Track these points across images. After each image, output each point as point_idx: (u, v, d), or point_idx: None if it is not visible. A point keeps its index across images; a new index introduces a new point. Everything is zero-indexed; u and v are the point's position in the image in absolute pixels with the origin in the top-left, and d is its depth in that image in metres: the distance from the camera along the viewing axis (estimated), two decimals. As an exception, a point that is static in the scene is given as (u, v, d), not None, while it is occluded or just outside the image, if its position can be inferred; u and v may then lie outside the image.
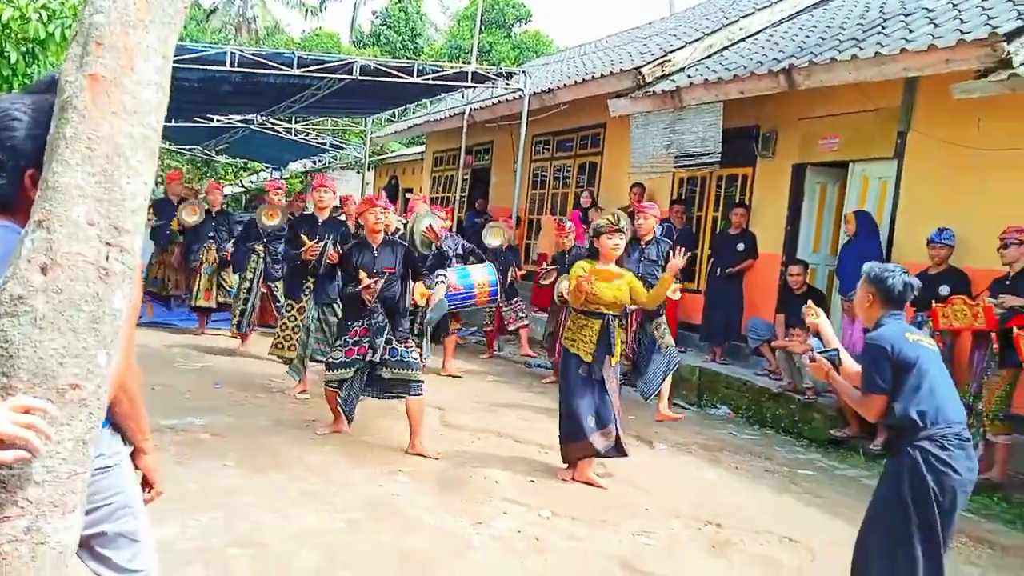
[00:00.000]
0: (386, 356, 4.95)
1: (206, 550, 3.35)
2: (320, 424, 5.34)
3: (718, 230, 8.94)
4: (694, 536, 4.10)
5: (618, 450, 4.76)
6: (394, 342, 5.00)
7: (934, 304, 5.63)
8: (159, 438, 1.99)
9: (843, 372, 3.04)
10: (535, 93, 10.94)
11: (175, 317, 9.21)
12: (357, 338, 4.99)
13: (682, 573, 3.62)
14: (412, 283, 5.51)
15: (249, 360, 7.52)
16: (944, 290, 5.74)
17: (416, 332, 6.46)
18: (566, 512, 4.24)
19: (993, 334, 5.24)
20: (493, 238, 8.70)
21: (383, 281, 4.93)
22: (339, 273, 5.23)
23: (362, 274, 4.92)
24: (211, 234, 8.56)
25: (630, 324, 6.19)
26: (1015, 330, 4.67)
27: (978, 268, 5.81)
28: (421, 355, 6.21)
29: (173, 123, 14.27)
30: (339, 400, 5.01)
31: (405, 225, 6.50)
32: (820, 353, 3.09)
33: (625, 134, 9.66)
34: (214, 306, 8.56)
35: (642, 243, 6.24)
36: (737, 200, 8.66)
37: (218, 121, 14.88)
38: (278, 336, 6.52)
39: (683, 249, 5.07)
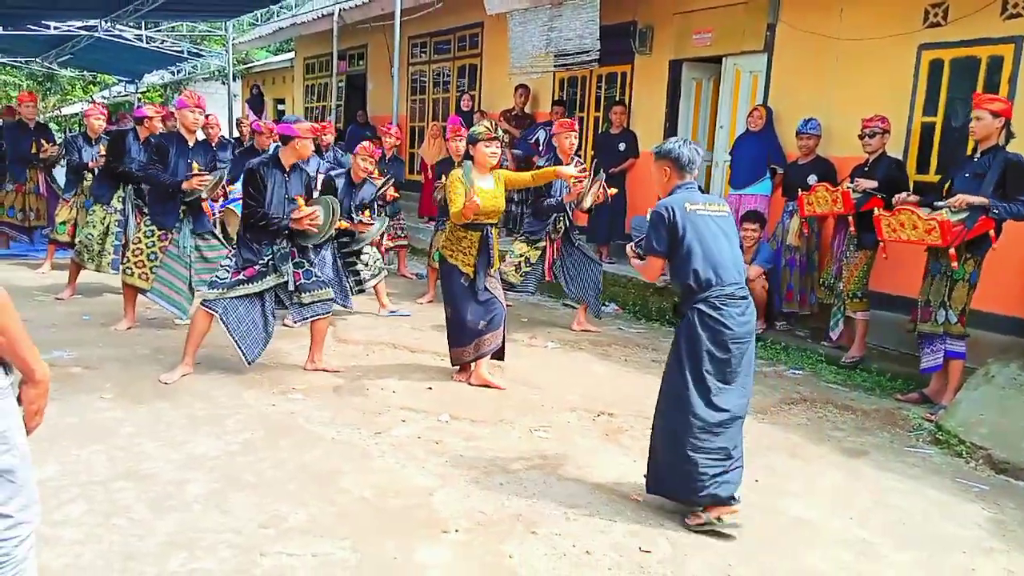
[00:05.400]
0: (301, 281, 4.77)
1: (88, 485, 3.19)
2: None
3: (600, 130, 8.98)
4: (588, 426, 4.28)
5: (502, 352, 4.95)
6: (305, 264, 4.84)
7: (800, 192, 5.90)
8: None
9: None
10: (408, -9, 10.41)
11: (37, 250, 8.50)
12: (255, 265, 4.67)
13: (577, 461, 3.77)
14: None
15: (119, 293, 7.01)
16: (812, 179, 6.01)
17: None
18: (464, 415, 4.31)
19: (850, 218, 5.57)
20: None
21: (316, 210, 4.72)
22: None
23: (300, 200, 4.69)
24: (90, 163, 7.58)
25: (552, 250, 6.12)
26: (876, 211, 4.95)
27: (844, 156, 6.12)
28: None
29: (1, 31, 12.79)
30: (234, 339, 4.59)
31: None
32: None
33: (503, 33, 9.41)
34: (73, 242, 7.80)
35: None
36: (617, 99, 8.69)
37: (56, 28, 13.36)
38: (128, 262, 5.65)
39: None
